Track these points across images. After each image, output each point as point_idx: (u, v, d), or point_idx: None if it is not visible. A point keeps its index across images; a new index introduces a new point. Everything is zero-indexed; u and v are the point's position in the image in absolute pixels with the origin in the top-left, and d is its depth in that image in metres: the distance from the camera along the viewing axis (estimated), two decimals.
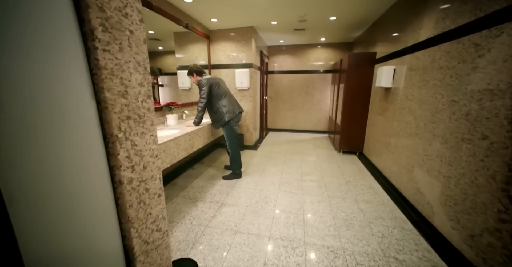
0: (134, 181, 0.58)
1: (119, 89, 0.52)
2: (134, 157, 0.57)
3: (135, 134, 0.57)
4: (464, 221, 1.22)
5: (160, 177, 0.70)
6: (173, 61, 2.98)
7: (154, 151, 0.66)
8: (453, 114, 1.38)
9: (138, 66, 0.58)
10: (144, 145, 0.61)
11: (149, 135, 0.62)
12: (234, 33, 3.40)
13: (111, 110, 0.52)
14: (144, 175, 0.62)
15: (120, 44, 0.52)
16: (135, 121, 0.57)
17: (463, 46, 1.31)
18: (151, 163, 0.64)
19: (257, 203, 1.98)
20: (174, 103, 2.31)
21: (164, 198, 0.72)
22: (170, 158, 1.68)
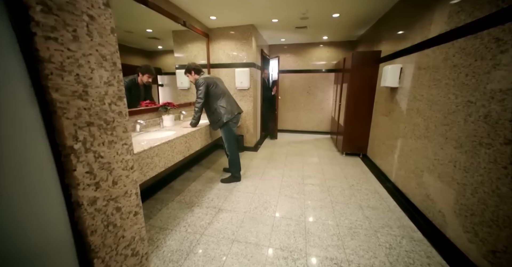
0: (99, 200, 0.47)
1: (74, 89, 0.42)
2: (99, 172, 0.47)
3: (100, 144, 0.46)
4: (484, 234, 1.11)
5: (137, 192, 0.59)
6: (173, 61, 2.90)
7: (129, 162, 0.56)
8: (469, 116, 1.26)
9: (104, 60, 0.48)
10: (114, 156, 0.51)
11: (121, 144, 0.52)
12: (234, 31, 3.30)
13: (62, 115, 0.41)
14: (114, 192, 0.51)
15: (74, 31, 0.42)
16: (100, 128, 0.46)
17: (482, 41, 1.20)
18: (124, 176, 0.54)
19: (256, 208, 1.87)
20: (170, 103, 2.21)
21: (142, 215, 0.61)
22: (164, 162, 1.58)
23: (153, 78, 2.24)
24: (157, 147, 1.48)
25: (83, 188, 0.43)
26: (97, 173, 0.46)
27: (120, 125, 0.51)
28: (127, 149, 0.54)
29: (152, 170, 1.45)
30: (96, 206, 0.46)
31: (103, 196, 0.47)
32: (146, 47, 2.53)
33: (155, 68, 2.75)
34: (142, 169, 1.34)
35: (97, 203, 0.46)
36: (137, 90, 2.10)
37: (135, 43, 2.35)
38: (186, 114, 2.62)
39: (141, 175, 1.34)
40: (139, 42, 2.41)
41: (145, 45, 2.51)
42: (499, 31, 1.10)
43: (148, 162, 1.40)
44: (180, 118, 2.58)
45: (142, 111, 2.01)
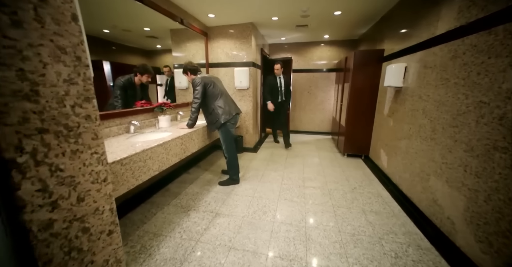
0: (57, 223, 0.39)
1: (17, 88, 0.34)
2: (57, 189, 0.38)
3: (59, 155, 0.38)
4: (499, 245, 1.03)
5: (112, 207, 0.51)
6: (172, 60, 2.83)
7: (101, 174, 0.48)
8: (481, 118, 1.18)
9: (63, 53, 0.40)
10: (80, 168, 0.43)
11: (89, 153, 0.44)
12: (233, 29, 3.23)
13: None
14: (80, 210, 0.43)
15: (13, 14, 0.34)
16: (59, 135, 0.38)
17: (497, 37, 1.12)
18: (94, 191, 0.46)
19: (254, 213, 1.80)
20: (166, 103, 2.14)
21: (118, 233, 0.52)
22: (159, 165, 1.51)
23: (151, 77, 2.17)
24: (150, 149, 1.40)
25: (31, 211, 0.34)
26: (55, 190, 0.38)
27: (88, 131, 0.43)
28: (98, 159, 0.47)
29: (145, 174, 1.38)
30: (53, 230, 0.38)
31: (63, 217, 0.39)
32: (145, 46, 2.47)
33: (154, 68, 2.69)
34: (134, 173, 1.27)
35: (54, 227, 0.38)
36: (133, 90, 2.03)
37: (134, 42, 2.28)
38: (183, 115, 2.54)
39: (133, 179, 1.26)
40: (137, 41, 2.35)
41: (144, 44, 2.45)
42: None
43: (141, 165, 1.33)
44: (177, 118, 2.50)
45: (137, 111, 1.93)
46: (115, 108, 1.80)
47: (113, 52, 2.00)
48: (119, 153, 1.21)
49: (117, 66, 1.99)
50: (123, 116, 1.76)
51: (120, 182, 1.14)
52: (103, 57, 1.87)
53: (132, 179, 1.25)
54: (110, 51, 1.97)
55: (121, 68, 2.01)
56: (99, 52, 1.84)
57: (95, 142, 0.46)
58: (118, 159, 1.13)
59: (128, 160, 1.22)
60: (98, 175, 0.48)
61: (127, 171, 1.21)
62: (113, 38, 1.97)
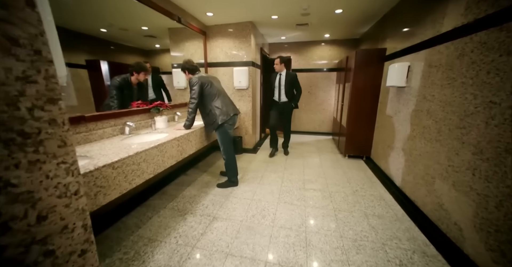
0: (9, 249, 0.33)
1: None
2: (7, 208, 0.32)
3: (10, 167, 0.32)
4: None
5: (86, 223, 0.44)
6: (171, 59, 2.78)
7: (70, 186, 0.41)
8: (491, 119, 1.12)
9: (15, 45, 0.33)
10: (42, 181, 0.37)
11: (54, 164, 0.38)
12: (232, 28, 3.17)
13: None
14: (42, 230, 0.37)
15: None
16: (9, 144, 0.32)
17: (508, 33, 1.06)
18: (62, 207, 0.40)
19: (253, 217, 1.74)
20: (163, 104, 2.08)
21: (94, 252, 0.45)
22: (154, 168, 1.45)
23: (149, 75, 2.12)
24: (144, 152, 1.34)
25: None
26: (3, 211, 0.32)
27: (53, 137, 0.37)
28: (67, 169, 0.41)
29: (139, 177, 1.32)
30: (2, 258, 0.32)
31: (17, 241, 0.33)
32: (144, 46, 2.43)
33: (154, 68, 2.65)
34: (127, 177, 1.21)
35: (3, 255, 0.32)
36: (129, 90, 1.97)
37: (132, 41, 2.24)
38: (180, 115, 2.49)
39: (126, 183, 1.21)
40: (136, 41, 2.30)
41: (143, 43, 2.41)
42: None
43: (134, 168, 1.27)
44: (175, 119, 2.45)
45: (133, 112, 1.88)
46: (110, 108, 1.75)
47: (112, 52, 1.96)
48: (111, 156, 1.15)
49: (116, 66, 1.94)
50: (118, 117, 1.70)
51: (111, 187, 1.08)
52: (101, 56, 1.83)
53: (124, 183, 1.19)
54: (109, 51, 1.92)
55: (119, 67, 1.97)
56: (97, 52, 1.80)
57: (62, 150, 0.40)
58: (110, 163, 1.08)
59: (121, 163, 1.16)
60: (66, 188, 0.42)
61: (119, 175, 1.15)
62: (111, 37, 1.93)
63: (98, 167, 0.99)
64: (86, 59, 1.67)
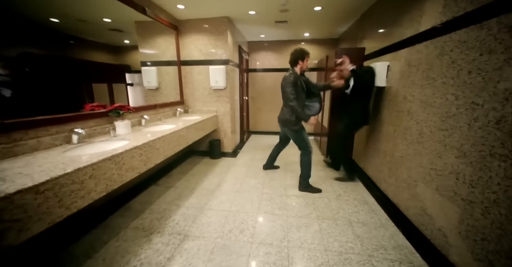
0: None
1: None
2: None
3: None
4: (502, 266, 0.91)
5: None
6: (139, 57, 2.49)
7: None
8: (474, 121, 1.07)
9: None
10: None
11: None
12: (207, 24, 2.95)
13: None
14: None
15: None
16: None
17: (490, 31, 1.01)
18: None
19: (230, 232, 1.56)
20: (124, 106, 1.80)
21: None
22: (106, 185, 1.20)
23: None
24: (91, 166, 1.09)
25: None
26: None
27: None
28: None
29: (83, 199, 1.06)
30: None
31: None
32: (111, 41, 2.12)
33: (124, 66, 2.34)
34: (62, 201, 0.96)
35: None
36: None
37: (95, 35, 1.94)
38: (148, 119, 2.21)
39: (61, 209, 0.95)
40: (100, 35, 2.00)
41: (109, 39, 2.11)
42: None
43: (75, 188, 1.01)
44: (142, 123, 2.16)
45: (85, 116, 1.59)
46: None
47: (71, 47, 1.67)
48: (36, 176, 0.89)
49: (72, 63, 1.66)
50: (62, 122, 1.40)
51: (33, 218, 0.83)
52: (53, 51, 1.53)
53: (58, 210, 0.93)
54: (67, 45, 1.64)
55: (80, 65, 1.70)
56: (46, 45, 1.49)
57: None
58: (31, 186, 0.82)
59: (52, 184, 0.91)
60: None
61: (49, 200, 0.89)
62: (68, 29, 1.64)
63: (7, 195, 0.74)
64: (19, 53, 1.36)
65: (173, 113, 2.87)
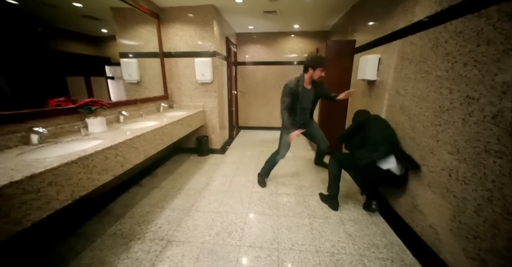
0: None
1: None
2: None
3: None
4: (496, 266, 0.89)
5: None
6: (118, 48, 2.28)
7: None
8: (469, 116, 1.03)
9: None
10: None
11: None
12: (191, 13, 2.75)
13: None
14: None
15: None
16: None
17: (488, 20, 0.95)
18: None
19: (217, 235, 1.47)
20: (97, 101, 1.63)
21: None
22: (71, 191, 1.05)
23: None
24: (50, 172, 0.95)
25: None
26: None
27: None
28: None
29: (39, 211, 0.91)
30: None
31: None
32: (87, 30, 1.91)
33: (102, 58, 2.12)
34: (9, 216, 0.81)
35: None
36: None
37: (69, 24, 1.73)
38: (127, 115, 2.04)
39: (8, 225, 0.81)
40: (73, 23, 1.79)
41: (84, 27, 1.89)
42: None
43: (27, 199, 0.87)
44: (120, 120, 1.99)
45: (48, 113, 1.40)
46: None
47: (39, 35, 1.47)
48: None
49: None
50: (17, 120, 1.22)
51: None
52: (13, 38, 1.33)
53: (2, 226, 0.79)
54: (33, 33, 1.44)
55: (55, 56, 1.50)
56: (4, 31, 1.29)
57: None
58: None
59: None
60: None
61: None
62: (34, 15, 1.43)
63: None
64: None
65: (156, 108, 2.69)
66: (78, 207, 1.60)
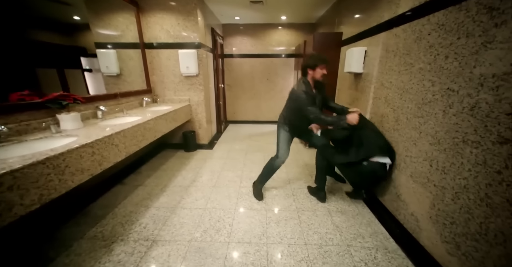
0: None
1: None
2: None
3: None
4: (468, 248, 0.94)
5: None
6: (93, 37, 2.09)
7: None
8: (449, 107, 1.06)
9: None
10: None
11: None
12: (173, 1, 2.58)
13: None
14: None
15: None
16: None
17: (468, 13, 0.96)
18: None
19: (205, 232, 1.45)
20: (68, 95, 1.49)
21: None
22: (38, 195, 0.96)
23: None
24: (10, 174, 0.85)
25: None
26: None
27: None
28: None
29: (0, 218, 0.83)
30: None
31: None
32: (56, 16, 1.72)
33: (77, 47, 1.94)
34: None
35: None
36: None
37: (33, 8, 1.53)
38: (106, 111, 1.90)
39: None
40: (39, 8, 1.59)
41: (52, 13, 1.70)
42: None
43: None
44: (97, 115, 1.86)
45: (8, 108, 1.26)
46: None
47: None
48: None
49: None
50: None
51: None
52: None
53: None
54: None
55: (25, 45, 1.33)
56: None
57: None
58: None
59: None
60: None
61: None
62: None
63: None
64: None
65: (139, 103, 2.55)
66: (52, 210, 1.49)
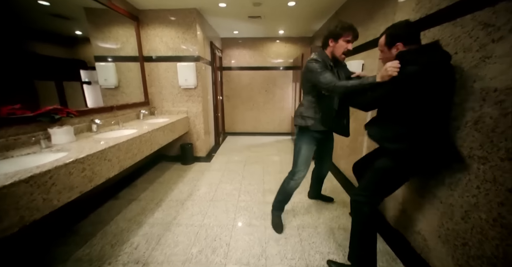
0: None
1: None
2: None
3: None
4: None
5: None
6: (92, 50, 2.11)
7: None
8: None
9: None
10: None
11: None
12: (173, 16, 2.65)
13: None
14: None
15: None
16: None
17: (464, 29, 0.96)
18: None
19: (200, 253, 1.36)
20: (62, 109, 1.47)
21: None
22: (18, 217, 0.89)
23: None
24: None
25: None
26: None
27: None
28: None
29: None
30: None
31: None
32: (59, 30, 1.74)
33: (78, 61, 1.94)
34: None
35: None
36: None
37: (35, 22, 1.55)
38: (101, 124, 1.87)
39: None
40: (42, 22, 1.62)
41: (55, 27, 1.73)
42: (488, 15, 0.86)
43: None
44: (92, 129, 1.82)
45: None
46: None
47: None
48: None
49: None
50: None
51: None
52: None
53: None
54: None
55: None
56: None
57: None
58: None
59: None
60: None
61: None
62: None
63: None
64: None
65: (136, 115, 2.53)
66: (38, 228, 1.41)
